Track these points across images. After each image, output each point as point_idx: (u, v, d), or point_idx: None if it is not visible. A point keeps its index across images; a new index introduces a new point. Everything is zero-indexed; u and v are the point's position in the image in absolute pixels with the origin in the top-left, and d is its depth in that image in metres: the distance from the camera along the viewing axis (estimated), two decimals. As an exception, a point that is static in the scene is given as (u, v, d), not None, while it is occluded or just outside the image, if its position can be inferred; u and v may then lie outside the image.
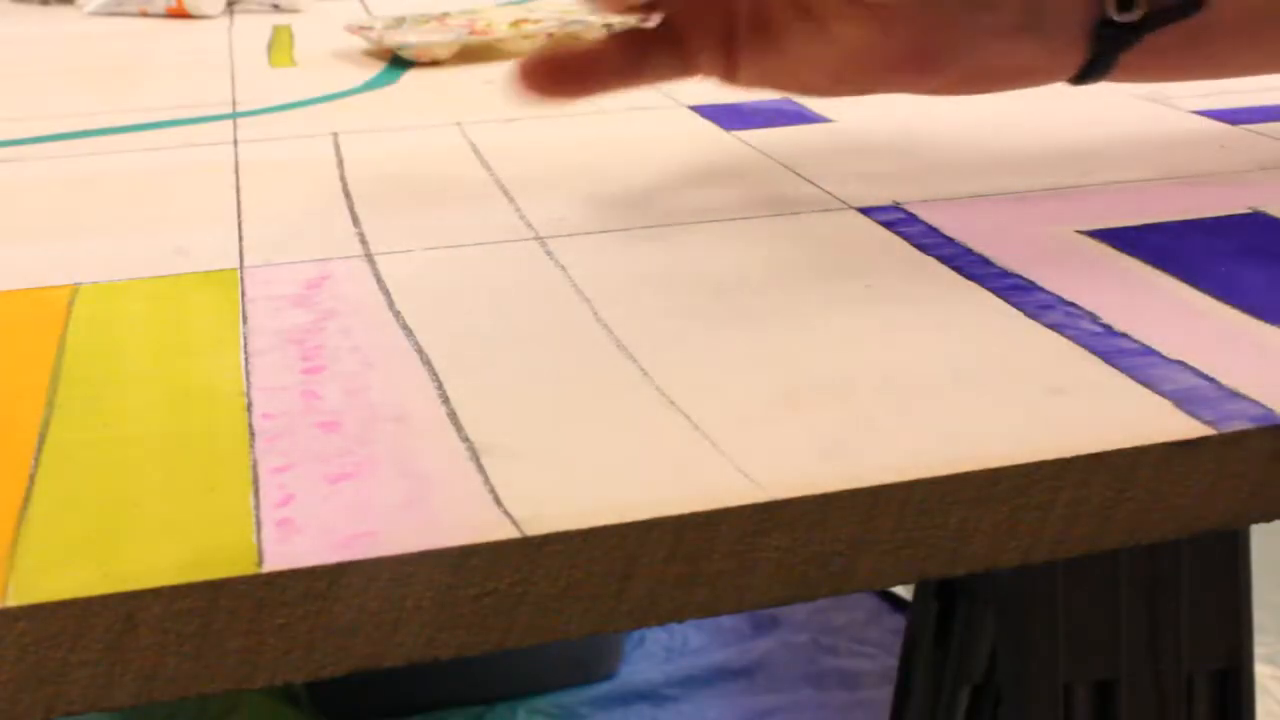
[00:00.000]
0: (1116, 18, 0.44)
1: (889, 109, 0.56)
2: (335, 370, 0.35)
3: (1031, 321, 0.36)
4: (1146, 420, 0.31)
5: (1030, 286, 0.38)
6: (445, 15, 0.78)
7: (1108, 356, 0.34)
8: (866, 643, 1.32)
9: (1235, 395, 0.32)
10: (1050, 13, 0.44)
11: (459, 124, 0.59)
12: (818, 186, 0.48)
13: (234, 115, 0.62)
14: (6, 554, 0.27)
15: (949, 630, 0.67)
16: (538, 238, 0.44)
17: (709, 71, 0.46)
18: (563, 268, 0.41)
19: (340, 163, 0.53)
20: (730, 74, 0.46)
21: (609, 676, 1.27)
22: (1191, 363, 0.33)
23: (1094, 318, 0.36)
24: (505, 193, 0.48)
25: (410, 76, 0.70)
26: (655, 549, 0.28)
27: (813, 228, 0.44)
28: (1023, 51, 0.45)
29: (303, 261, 0.42)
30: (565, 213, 0.46)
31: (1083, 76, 0.45)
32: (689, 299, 0.39)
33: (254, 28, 0.85)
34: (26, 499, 0.29)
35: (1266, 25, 0.45)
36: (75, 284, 0.41)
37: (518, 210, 0.47)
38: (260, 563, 0.26)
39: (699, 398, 0.32)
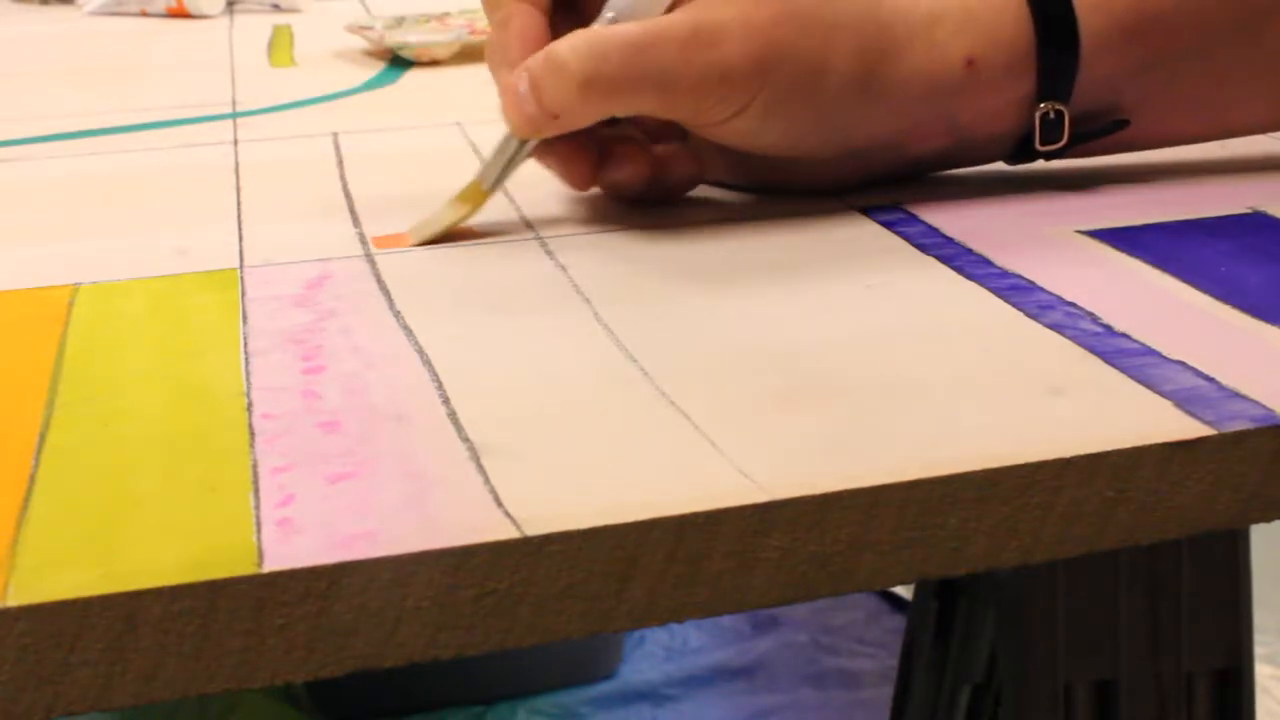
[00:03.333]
0: (1040, 148, 0.46)
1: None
2: (335, 370, 0.35)
3: (1031, 321, 0.36)
4: (1146, 420, 0.31)
5: (1030, 286, 0.38)
6: (445, 15, 0.78)
7: (1108, 356, 0.34)
8: (866, 643, 1.32)
9: (1235, 395, 0.32)
10: (974, 140, 0.46)
11: (459, 124, 0.59)
12: (818, 186, 0.48)
13: (234, 115, 0.62)
14: (6, 554, 0.27)
15: (949, 630, 0.67)
16: (538, 238, 0.44)
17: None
18: (563, 268, 0.41)
19: (340, 163, 0.53)
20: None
21: (609, 676, 1.27)
22: (1191, 363, 0.33)
23: (1094, 318, 0.36)
24: (505, 193, 0.48)
25: (410, 76, 0.70)
26: (655, 549, 0.28)
27: (813, 228, 0.44)
28: (950, 164, 0.48)
29: (303, 261, 0.42)
30: (565, 213, 0.46)
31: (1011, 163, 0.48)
32: (689, 299, 0.39)
33: (254, 28, 0.85)
34: (26, 499, 0.29)
35: (1185, 119, 0.47)
36: (75, 284, 0.41)
37: (518, 210, 0.47)
38: (260, 563, 0.26)
39: (699, 398, 0.32)
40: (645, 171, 0.45)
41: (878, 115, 0.44)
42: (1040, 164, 0.48)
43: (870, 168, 0.46)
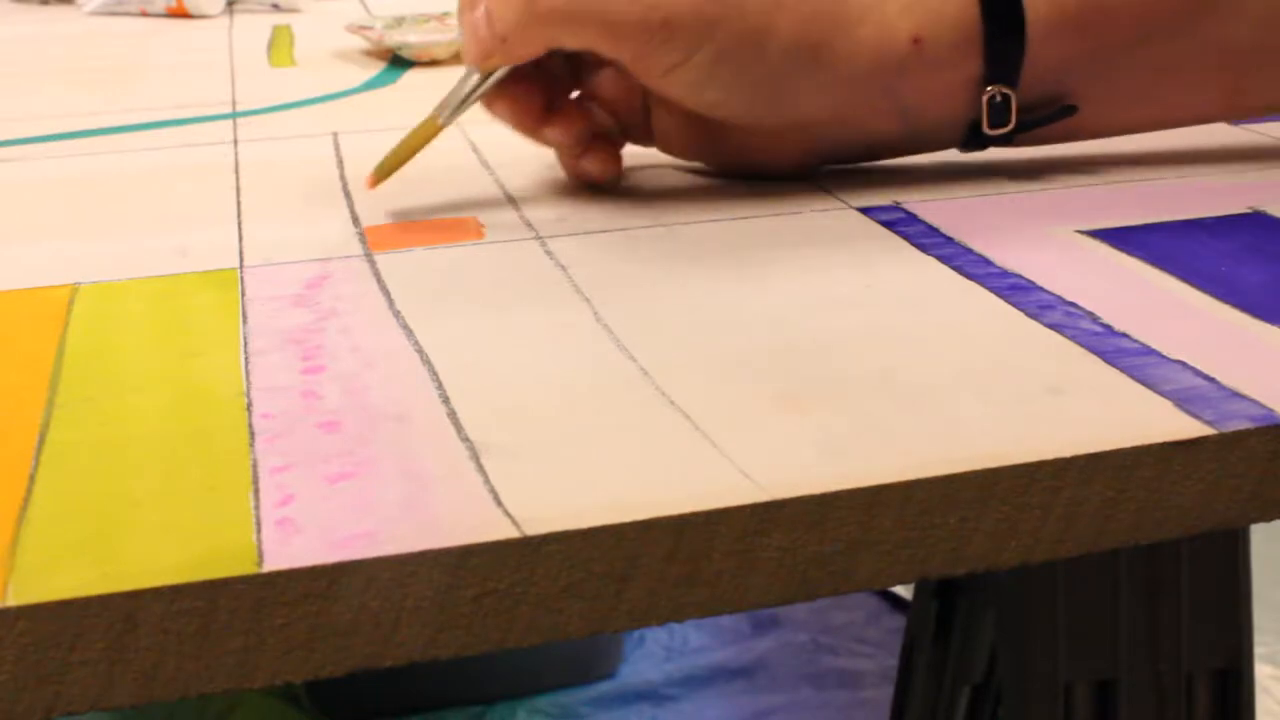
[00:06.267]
0: (988, 132, 0.46)
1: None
2: (335, 370, 0.35)
3: (1031, 321, 0.36)
4: (1146, 420, 0.31)
5: (1030, 286, 0.38)
6: (445, 15, 0.78)
7: (1108, 356, 0.34)
8: (866, 643, 1.32)
9: (1235, 395, 0.32)
10: (924, 124, 0.47)
11: (458, 124, 0.58)
12: (818, 186, 0.48)
13: (234, 115, 0.62)
14: (6, 554, 0.27)
15: (949, 630, 0.67)
16: (538, 238, 0.44)
17: (634, 140, 0.50)
18: (563, 268, 0.41)
19: (340, 163, 0.53)
20: (648, 144, 0.50)
21: (609, 676, 1.27)
22: (1191, 363, 0.33)
23: (1094, 318, 0.36)
24: (505, 193, 0.48)
25: (410, 76, 0.70)
26: (655, 549, 0.28)
27: (813, 228, 0.44)
28: (901, 148, 0.48)
29: (303, 261, 0.42)
30: (565, 213, 0.46)
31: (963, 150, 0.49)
32: (689, 298, 0.39)
33: (254, 28, 0.85)
34: (26, 499, 0.29)
35: (1132, 109, 0.48)
36: (75, 284, 0.41)
37: (518, 210, 0.47)
38: (260, 563, 0.26)
39: (699, 398, 0.32)
40: (579, 127, 0.47)
41: (823, 86, 0.44)
42: (1040, 163, 0.48)
43: (821, 146, 0.47)
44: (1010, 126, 0.46)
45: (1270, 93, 0.47)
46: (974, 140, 0.47)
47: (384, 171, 0.46)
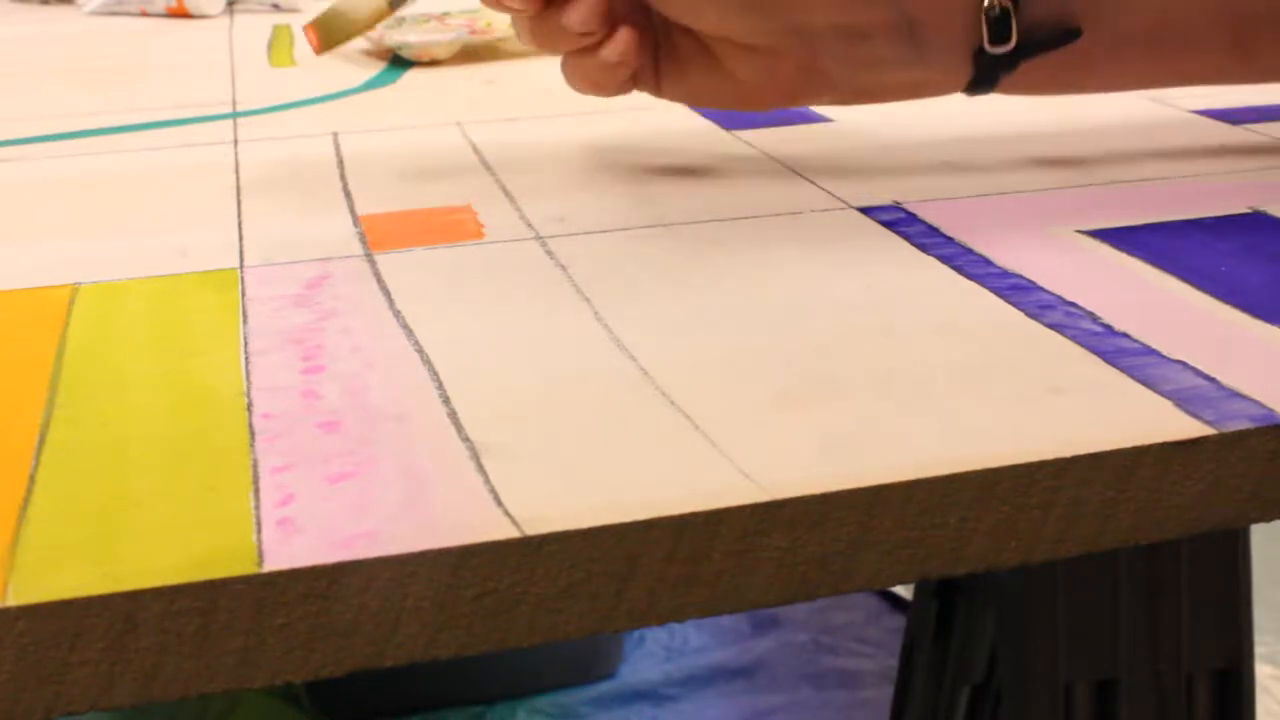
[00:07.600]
0: (989, 49, 0.45)
1: (889, 109, 0.56)
2: (335, 370, 0.35)
3: (1031, 321, 0.36)
4: (1146, 420, 0.31)
5: (1030, 286, 0.38)
6: (445, 15, 0.78)
7: (1108, 356, 0.34)
8: (866, 643, 1.32)
9: (1235, 395, 0.32)
10: (928, 43, 0.46)
11: (459, 124, 0.59)
12: (818, 186, 0.48)
13: (234, 115, 0.62)
14: (6, 554, 0.27)
15: (949, 630, 0.67)
16: (538, 238, 0.44)
17: (641, 86, 0.49)
18: (563, 267, 0.41)
19: (340, 163, 0.53)
20: (656, 89, 0.49)
21: (609, 676, 1.27)
22: (1191, 363, 0.33)
23: (1094, 318, 0.36)
24: (505, 193, 0.48)
25: (410, 76, 0.70)
26: (655, 549, 0.28)
27: (813, 228, 0.44)
28: (907, 74, 0.47)
29: (303, 261, 0.42)
30: (565, 213, 0.46)
31: (971, 90, 0.47)
32: (689, 299, 0.39)
33: (254, 28, 0.85)
34: (26, 499, 0.29)
35: (1136, 50, 0.47)
36: (75, 284, 0.41)
37: (518, 210, 0.47)
38: (260, 563, 0.26)
39: (699, 398, 0.32)
40: (599, 10, 0.45)
41: None
42: (1040, 163, 0.48)
43: (821, 63, 0.46)
44: (1012, 44, 0.45)
45: (1278, 56, 0.47)
46: (979, 77, 0.46)
47: (331, 41, 0.42)
